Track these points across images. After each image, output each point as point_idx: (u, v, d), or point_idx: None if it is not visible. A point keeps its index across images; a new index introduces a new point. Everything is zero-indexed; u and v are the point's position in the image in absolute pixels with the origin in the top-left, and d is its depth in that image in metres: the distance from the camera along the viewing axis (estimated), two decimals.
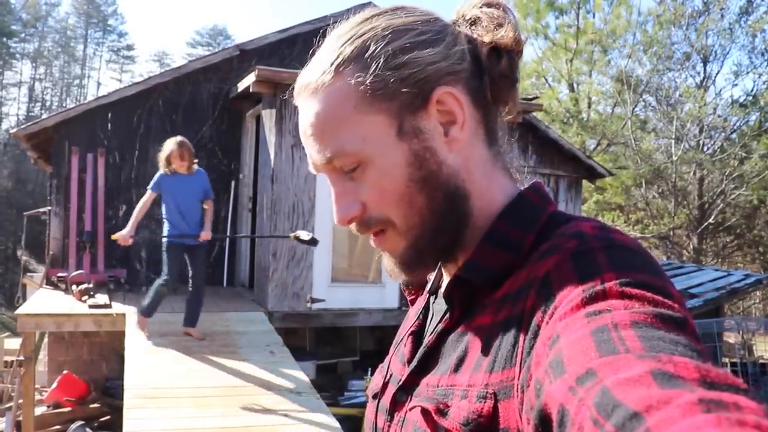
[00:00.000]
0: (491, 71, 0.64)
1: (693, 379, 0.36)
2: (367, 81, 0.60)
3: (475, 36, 0.65)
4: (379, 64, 0.60)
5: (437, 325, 0.67)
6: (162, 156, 5.14)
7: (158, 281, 5.29)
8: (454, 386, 0.58)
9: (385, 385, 0.73)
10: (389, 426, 0.68)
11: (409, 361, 0.69)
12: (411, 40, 0.61)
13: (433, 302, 0.74)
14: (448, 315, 0.65)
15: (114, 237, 5.04)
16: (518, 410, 0.51)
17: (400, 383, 0.67)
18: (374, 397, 0.75)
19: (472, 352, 0.58)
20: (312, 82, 0.63)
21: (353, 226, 0.65)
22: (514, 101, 0.67)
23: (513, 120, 0.69)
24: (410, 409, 0.64)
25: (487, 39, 0.64)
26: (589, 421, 0.37)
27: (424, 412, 0.59)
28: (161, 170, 5.19)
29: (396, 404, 0.68)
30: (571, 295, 0.50)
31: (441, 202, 0.62)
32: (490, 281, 0.61)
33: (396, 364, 0.73)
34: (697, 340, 0.45)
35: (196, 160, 5.36)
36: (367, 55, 0.60)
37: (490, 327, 0.58)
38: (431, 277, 0.78)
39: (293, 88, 0.67)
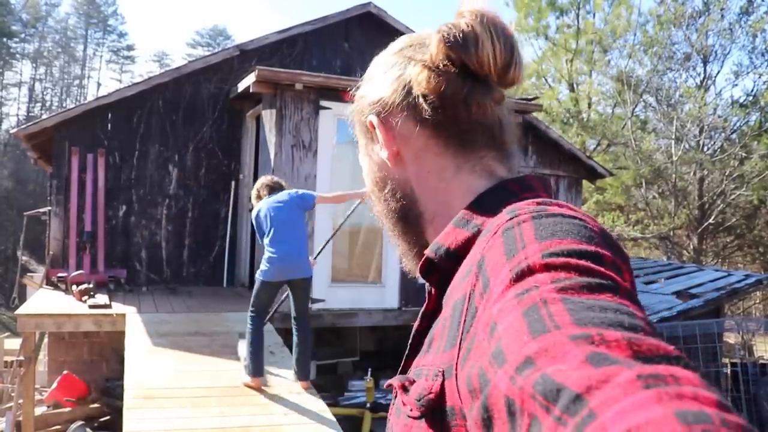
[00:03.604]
0: (423, 91, 0.69)
1: (627, 356, 0.37)
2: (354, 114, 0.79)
3: (417, 60, 0.70)
4: (354, 102, 0.79)
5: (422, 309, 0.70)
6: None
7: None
8: (424, 366, 0.60)
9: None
10: (391, 409, 0.72)
11: None
12: (369, 74, 0.77)
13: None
14: (426, 297, 0.68)
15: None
16: (457, 389, 0.51)
17: (400, 368, 0.71)
18: None
19: (437, 333, 0.60)
20: None
21: None
22: (478, 103, 0.68)
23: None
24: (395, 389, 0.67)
25: (420, 60, 0.69)
26: (540, 409, 0.37)
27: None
28: None
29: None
30: (501, 275, 0.50)
31: (394, 206, 0.75)
32: (453, 260, 0.63)
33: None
34: (630, 299, 0.45)
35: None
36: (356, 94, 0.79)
37: (448, 308, 0.59)
38: None
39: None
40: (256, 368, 4.58)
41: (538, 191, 0.66)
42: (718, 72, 23.89)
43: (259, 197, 4.71)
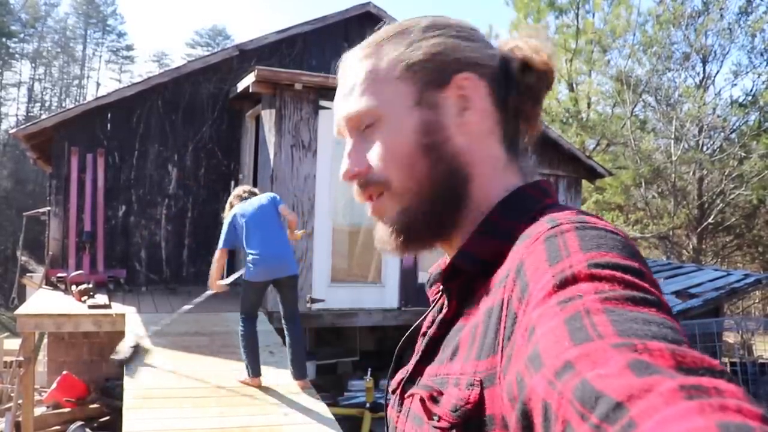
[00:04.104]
0: (518, 82, 0.70)
1: (669, 366, 0.37)
2: (401, 54, 0.69)
3: (510, 50, 0.72)
4: (413, 43, 0.69)
5: (437, 315, 0.69)
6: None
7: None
8: (449, 375, 0.59)
9: (401, 381, 0.75)
10: (398, 417, 0.70)
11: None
12: (446, 31, 0.70)
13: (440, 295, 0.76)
14: (446, 304, 0.67)
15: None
16: (501, 397, 0.51)
17: (408, 374, 0.70)
18: (393, 392, 0.77)
19: (465, 340, 0.59)
20: (358, 53, 0.72)
21: (354, 188, 0.71)
22: (535, 120, 0.73)
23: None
24: (411, 398, 0.66)
25: (520, 54, 0.71)
26: (575, 415, 0.37)
27: (421, 400, 0.62)
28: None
29: (404, 395, 0.70)
30: (542, 281, 0.50)
31: (440, 173, 0.67)
32: (480, 268, 0.62)
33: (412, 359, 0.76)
34: (672, 316, 0.45)
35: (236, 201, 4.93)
36: (406, 35, 0.70)
37: (480, 315, 0.59)
38: (431, 271, 0.80)
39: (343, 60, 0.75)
40: (255, 369, 4.64)
41: (552, 196, 0.68)
42: (718, 72, 23.96)
43: (231, 207, 4.82)
